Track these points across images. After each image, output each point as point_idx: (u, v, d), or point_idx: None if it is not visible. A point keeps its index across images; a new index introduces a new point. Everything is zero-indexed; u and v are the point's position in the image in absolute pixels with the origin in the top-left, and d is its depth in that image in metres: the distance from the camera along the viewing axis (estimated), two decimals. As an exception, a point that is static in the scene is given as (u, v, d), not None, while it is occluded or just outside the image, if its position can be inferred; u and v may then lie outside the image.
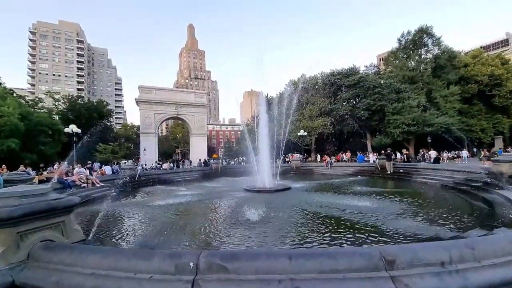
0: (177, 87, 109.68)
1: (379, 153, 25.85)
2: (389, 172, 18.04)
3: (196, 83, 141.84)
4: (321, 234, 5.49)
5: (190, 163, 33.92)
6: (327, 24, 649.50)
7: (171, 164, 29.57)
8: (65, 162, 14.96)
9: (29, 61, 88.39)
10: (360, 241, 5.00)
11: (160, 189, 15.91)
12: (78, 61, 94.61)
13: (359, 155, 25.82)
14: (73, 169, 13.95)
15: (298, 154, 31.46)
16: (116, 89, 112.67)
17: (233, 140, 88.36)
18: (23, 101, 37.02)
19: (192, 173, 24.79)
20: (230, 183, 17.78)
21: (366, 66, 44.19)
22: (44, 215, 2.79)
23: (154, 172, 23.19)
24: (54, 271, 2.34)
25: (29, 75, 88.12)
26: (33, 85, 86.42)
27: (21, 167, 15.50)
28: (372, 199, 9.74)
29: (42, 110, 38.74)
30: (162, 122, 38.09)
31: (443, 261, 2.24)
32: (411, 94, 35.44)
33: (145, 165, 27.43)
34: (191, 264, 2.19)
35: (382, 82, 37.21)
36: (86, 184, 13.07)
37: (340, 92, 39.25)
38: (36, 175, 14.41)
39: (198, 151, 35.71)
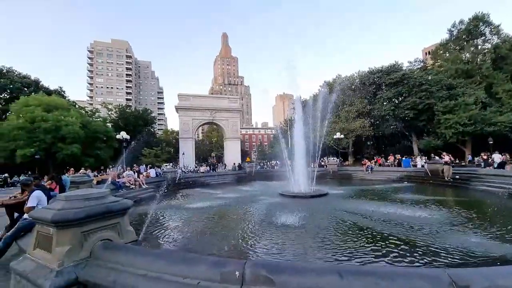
0: (212, 94, 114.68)
1: (428, 157, 23.35)
2: (446, 178, 15.96)
3: (229, 88, 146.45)
4: (366, 248, 5.04)
5: (225, 166, 34.92)
6: (366, 20, 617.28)
7: (207, 168, 30.77)
8: (119, 166, 16.61)
9: (88, 76, 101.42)
10: (415, 259, 4.46)
11: (198, 191, 16.61)
12: (127, 74, 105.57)
13: (404, 158, 23.58)
14: (124, 172, 15.40)
15: (334, 158, 30.12)
16: (158, 97, 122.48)
17: (266, 143, 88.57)
18: (83, 111, 42.41)
19: (227, 176, 25.45)
20: (265, 187, 17.75)
21: (410, 62, 40.69)
22: (103, 217, 3.05)
23: (192, 175, 24.36)
24: (112, 270, 2.52)
25: (88, 89, 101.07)
26: (91, 97, 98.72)
27: (82, 170, 17.64)
28: (424, 209, 8.74)
29: (98, 119, 43.86)
30: (199, 127, 40.03)
31: (527, 288, 1.86)
32: (467, 90, 31.37)
33: (184, 168, 29.02)
34: (237, 273, 2.16)
35: (430, 78, 33.76)
36: (134, 186, 14.31)
37: (380, 91, 36.68)
38: (94, 177, 16.23)
39: (232, 154, 36.61)
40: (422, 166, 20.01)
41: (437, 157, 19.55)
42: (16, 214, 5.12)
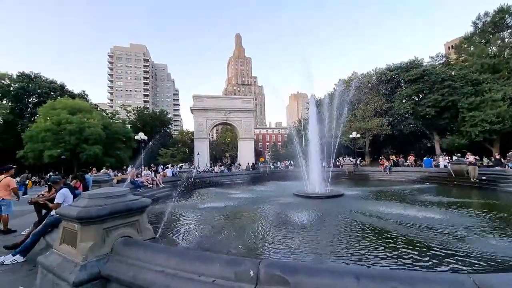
0: (225, 94, 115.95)
1: (451, 157, 22.20)
2: (472, 179, 15.04)
3: (243, 89, 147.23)
4: (384, 252, 4.86)
5: (239, 166, 35.16)
6: (382, 15, 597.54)
7: (222, 167, 31.13)
8: (140, 166, 17.26)
9: (109, 80, 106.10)
10: (438, 263, 4.24)
11: (213, 191, 16.82)
12: (144, 77, 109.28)
13: (425, 158, 22.52)
14: (142, 171, 15.94)
15: (350, 158, 29.41)
16: (174, 99, 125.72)
17: (280, 143, 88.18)
18: (104, 114, 44.41)
19: (241, 176, 25.58)
20: (278, 187, 17.66)
21: (432, 57, 38.80)
22: (124, 214, 3.18)
23: (207, 175, 24.72)
24: (132, 266, 2.62)
25: (108, 92, 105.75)
26: (111, 100, 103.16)
27: (104, 169, 18.44)
28: (447, 212, 8.30)
29: (118, 121, 45.79)
30: (213, 127, 40.57)
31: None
32: (494, 86, 29.47)
33: (199, 167, 29.57)
34: (251, 272, 2.17)
35: (453, 73, 32.07)
36: (151, 185, 14.77)
37: (399, 88, 35.37)
38: (114, 176, 16.91)
39: (245, 154, 36.77)
40: (445, 166, 19.06)
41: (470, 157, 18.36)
42: (44, 211, 5.46)
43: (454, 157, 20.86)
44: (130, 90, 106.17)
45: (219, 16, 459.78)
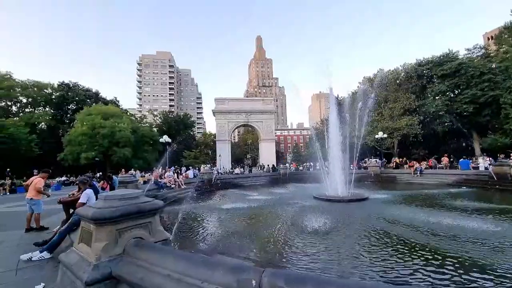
0: (247, 96, 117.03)
1: (494, 158, 20.05)
2: None
3: (264, 90, 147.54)
4: (412, 267, 4.39)
5: (260, 167, 35.16)
6: (410, 8, 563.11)
7: (242, 169, 31.37)
8: (171, 167, 18.01)
9: (137, 87, 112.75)
10: (474, 282, 3.78)
11: (233, 192, 16.94)
12: (169, 83, 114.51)
13: (461, 160, 20.58)
14: (165, 172, 16.59)
15: (376, 159, 27.90)
16: (197, 103, 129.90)
17: (301, 144, 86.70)
18: (133, 118, 47.22)
19: (261, 178, 25.49)
20: (298, 189, 17.31)
21: (468, 49, 35.45)
22: (135, 216, 3.25)
23: (227, 177, 25.01)
24: (141, 268, 2.65)
25: (137, 97, 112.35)
26: (140, 105, 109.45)
27: (131, 171, 19.59)
28: (487, 220, 7.42)
29: (145, 125, 48.40)
30: (234, 129, 41.09)
31: None
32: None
33: (220, 169, 30.07)
34: (253, 282, 2.06)
35: (493, 66, 29.06)
36: (174, 186, 15.30)
37: (431, 84, 32.85)
38: (141, 177, 17.84)
39: (267, 156, 36.66)
40: (486, 168, 17.23)
41: None
42: (71, 210, 5.85)
43: (498, 158, 18.85)
44: (157, 95, 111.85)
45: (240, 18, 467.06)
